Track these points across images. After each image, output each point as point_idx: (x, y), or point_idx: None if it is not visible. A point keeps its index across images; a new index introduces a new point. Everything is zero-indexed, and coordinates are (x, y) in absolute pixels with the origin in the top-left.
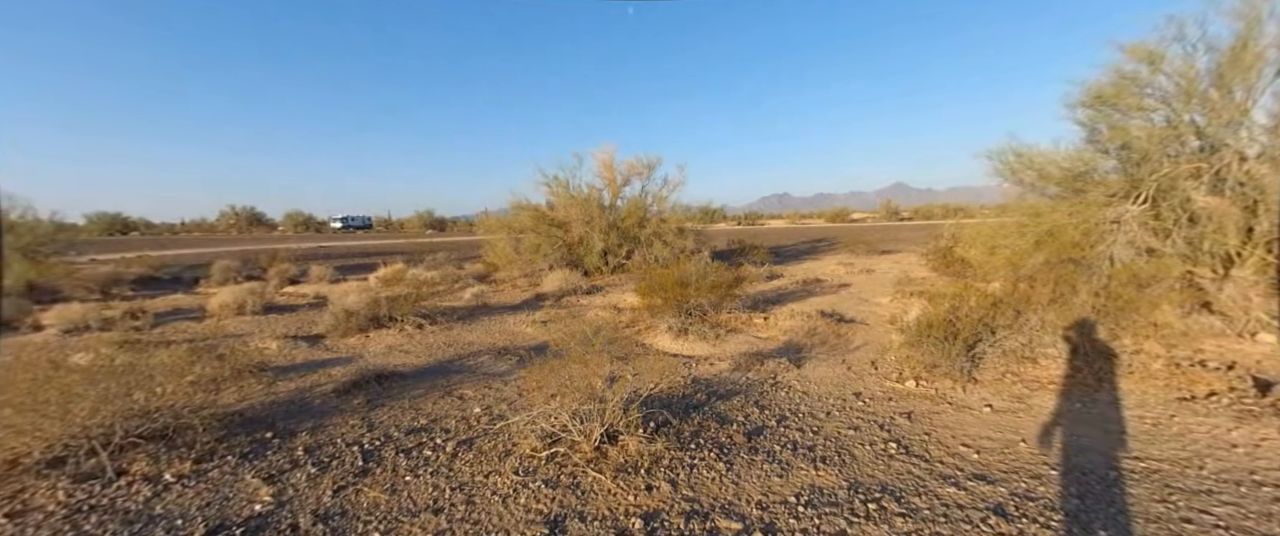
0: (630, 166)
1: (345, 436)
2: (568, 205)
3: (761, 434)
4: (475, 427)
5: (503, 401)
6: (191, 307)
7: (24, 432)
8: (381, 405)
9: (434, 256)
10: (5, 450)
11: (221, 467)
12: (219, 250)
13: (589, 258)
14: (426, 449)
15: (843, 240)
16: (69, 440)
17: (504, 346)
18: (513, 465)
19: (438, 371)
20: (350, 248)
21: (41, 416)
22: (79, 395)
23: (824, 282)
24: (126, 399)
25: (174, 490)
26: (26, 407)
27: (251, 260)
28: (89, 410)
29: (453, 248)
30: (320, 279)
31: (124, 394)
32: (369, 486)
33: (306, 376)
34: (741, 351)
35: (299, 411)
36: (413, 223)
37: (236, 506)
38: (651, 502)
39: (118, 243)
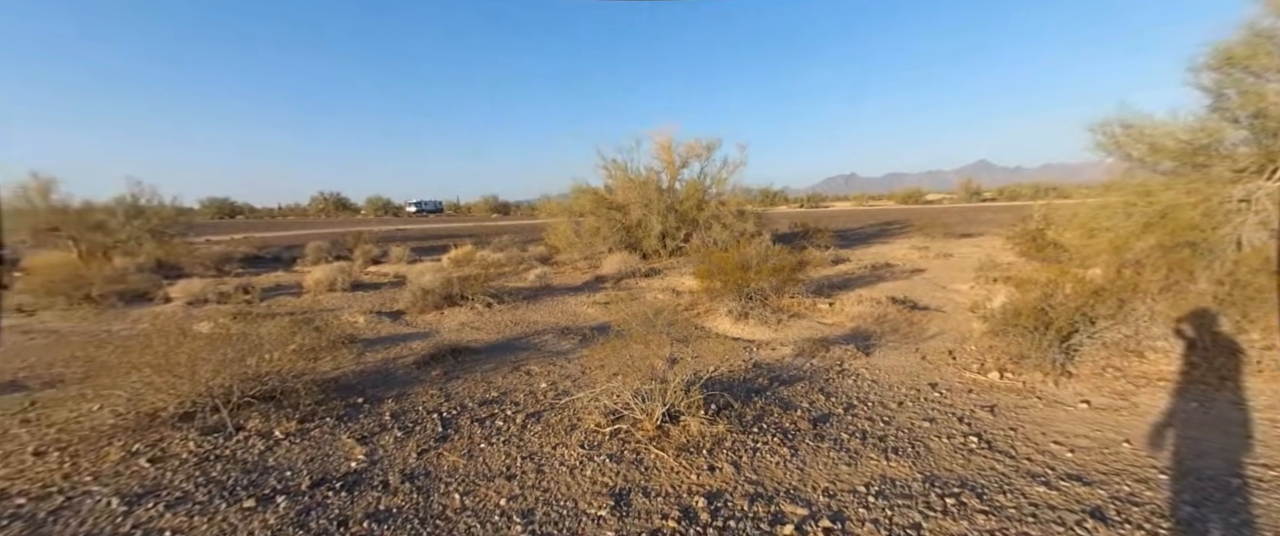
0: (689, 148)
1: (426, 404)
2: (626, 188)
3: (827, 421)
4: (542, 402)
5: (567, 378)
6: (290, 284)
7: (161, 390)
8: (457, 377)
9: (499, 239)
10: (147, 405)
11: (321, 427)
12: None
13: (647, 240)
14: (498, 419)
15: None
16: (196, 398)
17: (566, 326)
18: (578, 439)
19: (506, 348)
20: (424, 230)
21: (174, 377)
22: (203, 359)
23: (894, 267)
24: (241, 364)
25: (283, 445)
26: (162, 369)
27: (340, 241)
28: (211, 372)
29: (516, 231)
30: (399, 259)
31: (239, 359)
32: (449, 451)
33: (390, 348)
34: (805, 337)
35: (385, 380)
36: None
37: (335, 462)
38: (714, 482)
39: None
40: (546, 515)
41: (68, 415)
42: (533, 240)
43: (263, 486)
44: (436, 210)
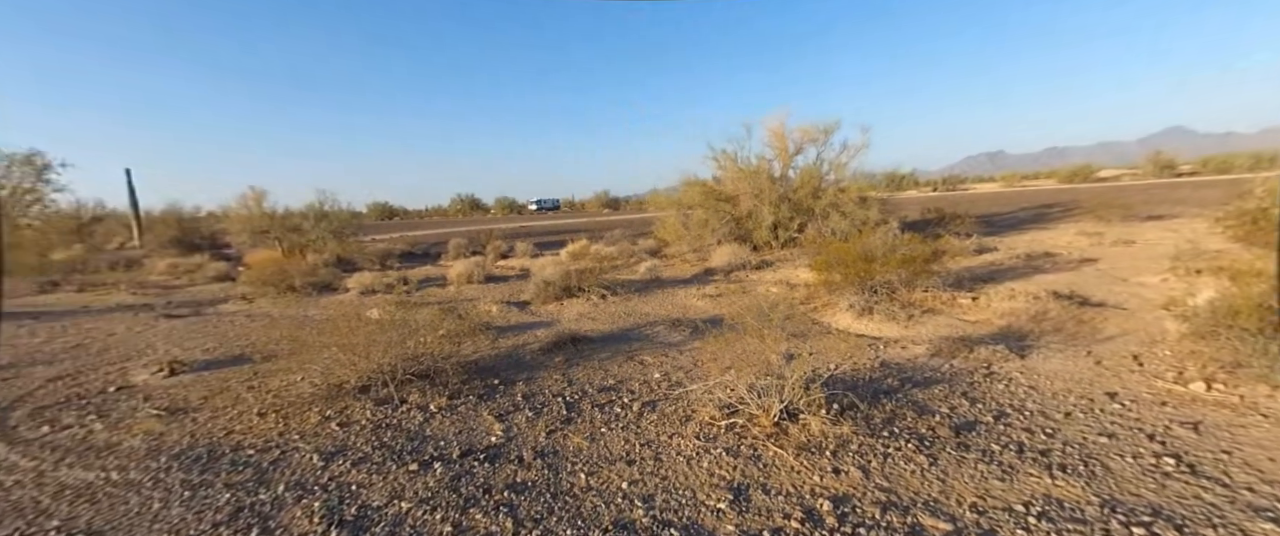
0: (803, 133)
1: (551, 388)
2: (736, 178)
3: (973, 429)
4: (657, 391)
5: (679, 369)
6: (437, 276)
7: (345, 366)
8: (577, 364)
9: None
10: (335, 378)
11: (466, 404)
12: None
13: (758, 232)
14: (616, 406)
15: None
16: (371, 374)
17: (677, 318)
18: (694, 430)
19: (620, 338)
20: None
21: (354, 355)
22: (375, 341)
23: (1056, 257)
24: (403, 346)
25: (436, 418)
26: (345, 348)
27: (475, 238)
28: (381, 352)
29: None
30: (523, 254)
31: (401, 341)
32: (573, 433)
33: (519, 335)
34: (942, 335)
35: (515, 364)
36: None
37: (479, 436)
38: (840, 486)
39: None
40: (666, 502)
41: (280, 384)
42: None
43: (422, 453)
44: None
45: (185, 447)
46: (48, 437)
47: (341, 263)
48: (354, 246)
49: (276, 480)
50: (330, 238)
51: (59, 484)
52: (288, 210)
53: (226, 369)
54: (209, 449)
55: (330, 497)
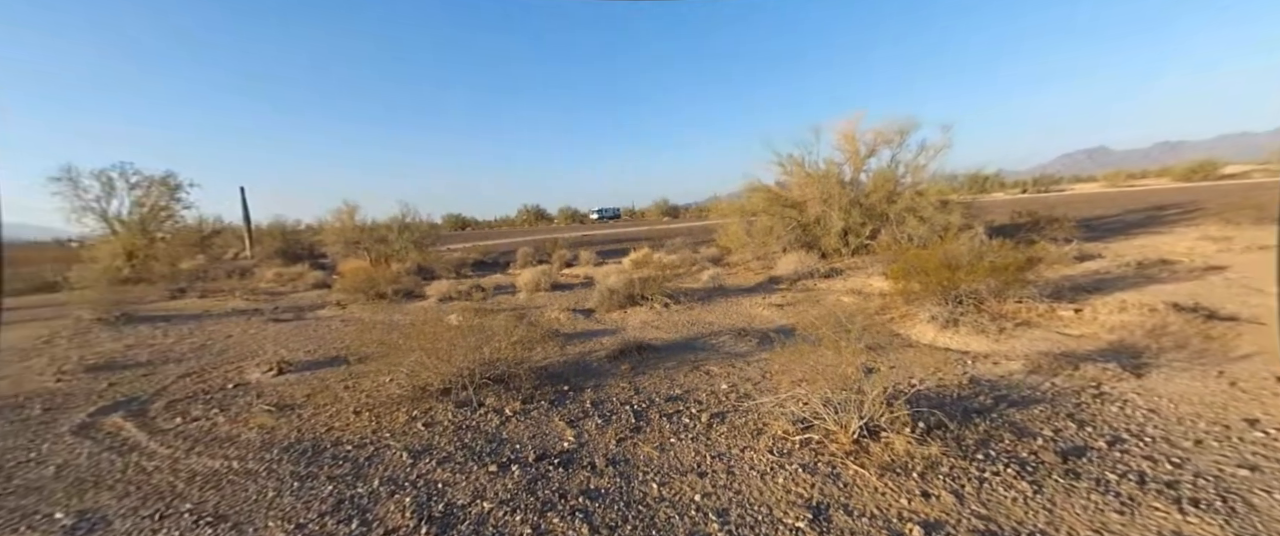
0: (877, 134)
1: (618, 396)
2: (803, 183)
3: (1083, 455)
4: (725, 402)
5: (747, 380)
6: (506, 284)
7: (428, 369)
8: (643, 373)
9: (672, 241)
10: (420, 380)
11: (538, 409)
12: (518, 240)
13: (827, 238)
14: (684, 416)
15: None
16: (451, 377)
17: (742, 328)
18: (766, 444)
19: (685, 347)
20: (606, 235)
21: (436, 359)
22: (455, 346)
23: (1174, 265)
24: (479, 351)
25: (512, 422)
26: (428, 352)
27: (541, 247)
28: (461, 357)
29: (687, 233)
30: (587, 262)
31: (478, 347)
32: (643, 442)
33: (585, 343)
34: (1040, 350)
35: (583, 371)
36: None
37: (552, 441)
38: (931, 511)
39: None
40: (741, 517)
41: (371, 385)
42: (703, 241)
43: (500, 455)
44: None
45: (293, 441)
46: (180, 428)
47: (422, 271)
48: (433, 256)
49: (371, 475)
50: (412, 248)
51: (190, 470)
52: (374, 222)
53: (325, 369)
54: (313, 443)
55: (419, 494)
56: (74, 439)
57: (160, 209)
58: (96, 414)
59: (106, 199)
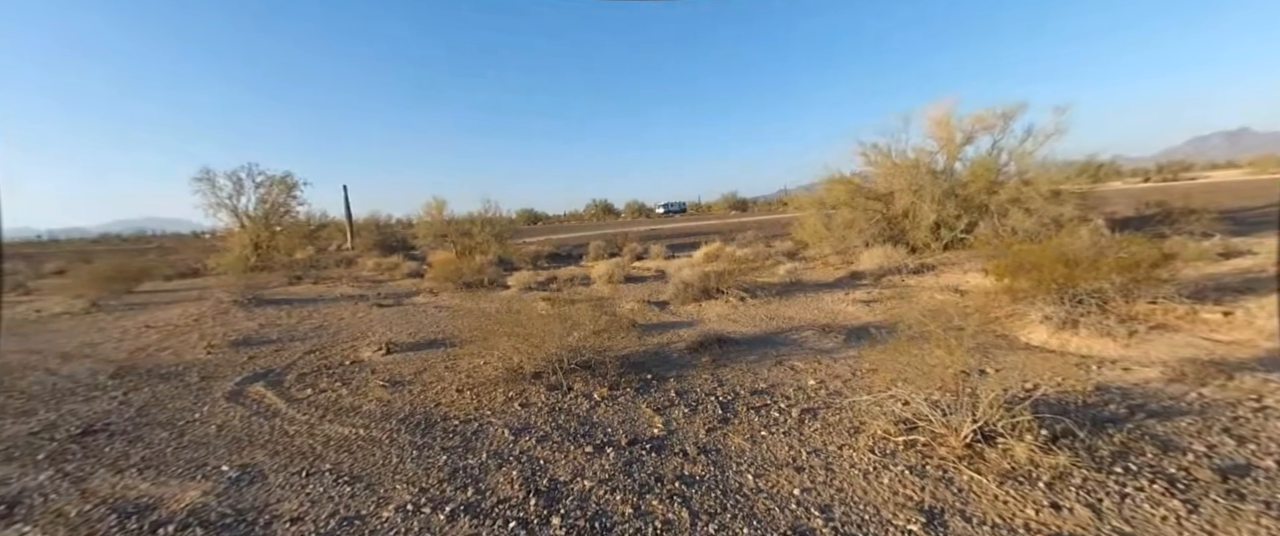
0: (976, 120)
1: (702, 387)
2: (890, 174)
3: (1246, 474)
4: (814, 399)
5: (835, 377)
6: (581, 276)
7: (519, 353)
8: (724, 365)
9: (743, 235)
10: (513, 363)
11: (625, 396)
12: (589, 234)
13: (916, 232)
14: (773, 411)
15: None
16: (542, 361)
17: (826, 324)
18: (866, 443)
19: (765, 342)
20: (673, 229)
21: (526, 343)
22: (545, 333)
23: None
24: (565, 338)
25: (601, 406)
26: (518, 337)
27: (611, 241)
28: (550, 343)
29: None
30: (657, 255)
31: (564, 334)
32: (732, 433)
33: (663, 334)
34: (1182, 356)
35: (663, 361)
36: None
37: (641, 427)
38: (1063, 524)
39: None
40: (846, 516)
41: (469, 365)
42: (776, 236)
43: (594, 437)
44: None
45: (407, 414)
46: (311, 397)
47: (502, 262)
48: (511, 248)
49: (479, 448)
50: (493, 240)
51: (325, 435)
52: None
53: (427, 351)
54: (425, 417)
55: (524, 468)
56: (227, 403)
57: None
58: (242, 382)
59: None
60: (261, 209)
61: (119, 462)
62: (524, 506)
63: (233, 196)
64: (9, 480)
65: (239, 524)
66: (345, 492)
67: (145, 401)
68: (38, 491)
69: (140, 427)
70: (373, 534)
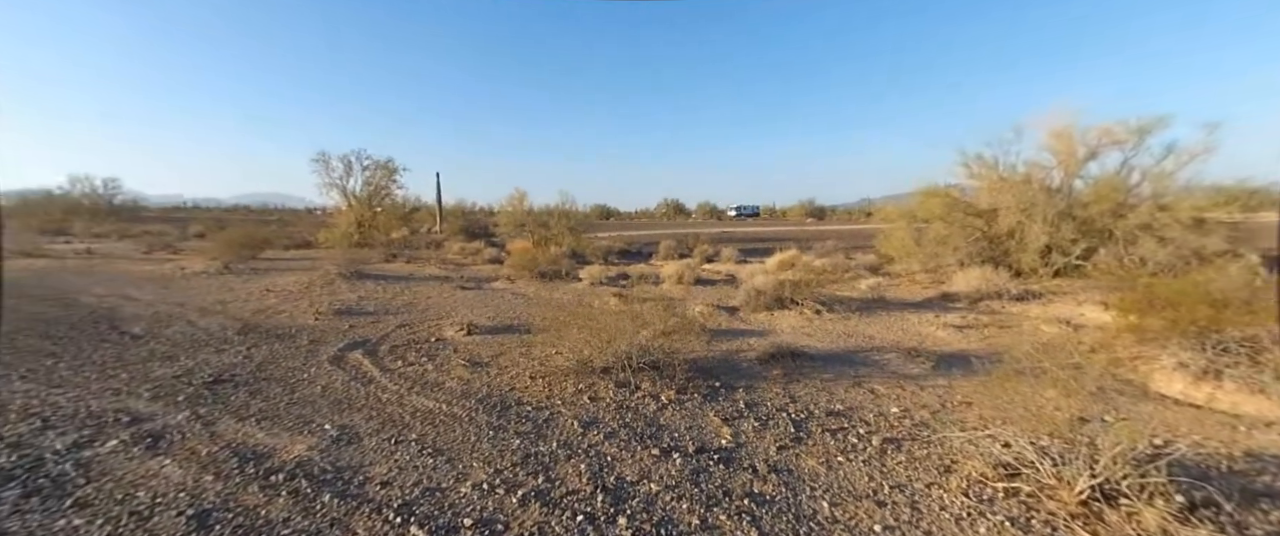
0: (1104, 134)
1: (773, 401)
2: (996, 189)
3: None
4: (898, 428)
5: (922, 407)
6: (650, 274)
7: (589, 347)
8: (797, 380)
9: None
10: (583, 356)
11: (692, 401)
12: (659, 232)
13: (1023, 254)
14: (850, 435)
15: None
16: (612, 357)
17: (912, 347)
18: (959, 485)
19: (842, 359)
20: (745, 233)
21: (595, 338)
22: (616, 329)
23: None
24: (635, 336)
25: (668, 409)
26: (588, 330)
27: (681, 241)
28: (620, 339)
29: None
30: (727, 259)
31: (634, 332)
32: (806, 454)
33: (732, 341)
34: None
35: (732, 370)
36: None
37: (709, 436)
38: None
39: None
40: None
41: (542, 354)
42: (857, 247)
43: (660, 440)
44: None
45: (485, 395)
46: (401, 369)
47: (575, 255)
48: (585, 242)
49: (550, 437)
50: (568, 233)
51: (413, 406)
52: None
53: (503, 335)
54: (500, 399)
55: (592, 463)
56: (331, 367)
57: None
58: (344, 349)
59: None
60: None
61: (241, 411)
62: (591, 501)
63: (343, 177)
64: (156, 416)
65: (337, 480)
66: (428, 463)
67: (264, 358)
68: (176, 429)
69: (259, 381)
70: (451, 507)
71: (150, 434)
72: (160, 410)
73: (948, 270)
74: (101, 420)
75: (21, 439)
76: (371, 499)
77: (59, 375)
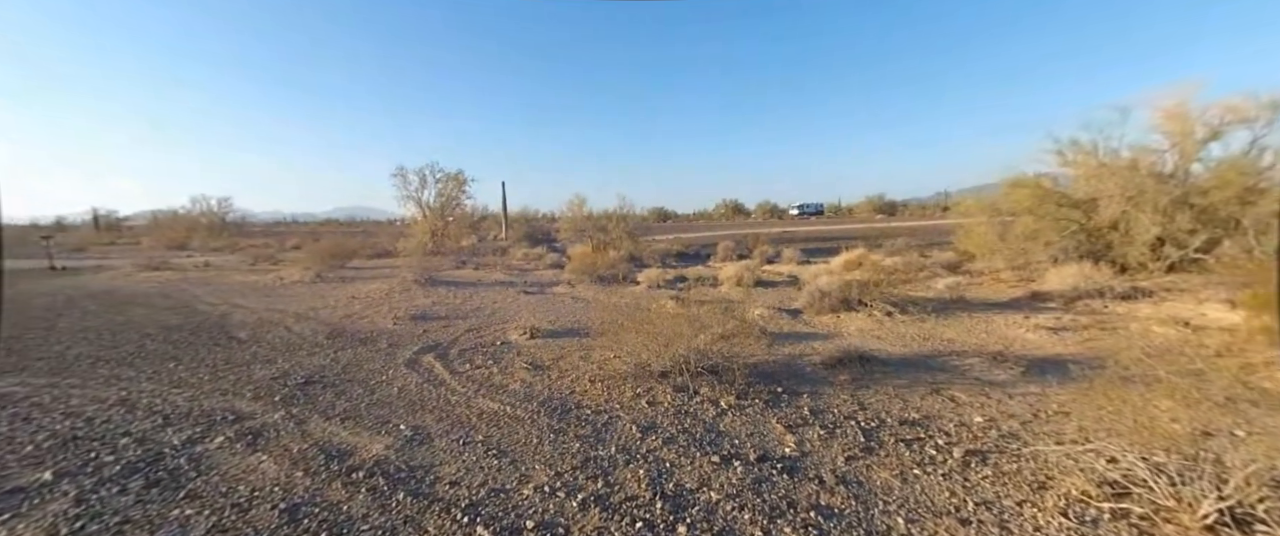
0: (1228, 111)
1: (840, 408)
2: (1095, 177)
3: None
4: (982, 439)
5: (1010, 416)
6: (708, 277)
7: (647, 350)
8: (866, 387)
9: (891, 242)
10: (641, 360)
11: (753, 407)
12: (717, 234)
13: (1129, 248)
14: (928, 446)
15: None
16: (670, 361)
17: (997, 351)
18: (1056, 504)
19: (917, 364)
20: (808, 232)
21: (653, 341)
22: (674, 333)
23: None
24: (693, 340)
25: (727, 415)
26: (646, 334)
27: (741, 242)
28: (678, 344)
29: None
30: (789, 260)
31: (692, 336)
32: (878, 466)
33: (794, 345)
34: None
35: (794, 375)
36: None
37: (771, 443)
38: None
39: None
40: None
41: (601, 357)
42: (933, 243)
43: (720, 447)
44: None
45: (546, 398)
46: (469, 372)
47: (633, 259)
48: (643, 245)
49: (609, 441)
50: (625, 237)
51: (479, 409)
52: (597, 213)
53: (564, 339)
54: (561, 403)
55: (651, 469)
56: (407, 369)
57: (452, 199)
58: (418, 352)
59: (421, 190)
60: (438, 201)
61: (328, 411)
62: (650, 508)
63: (418, 190)
64: (256, 415)
65: (410, 479)
66: (493, 465)
67: (348, 361)
68: (273, 427)
69: (344, 382)
70: (515, 509)
71: (251, 431)
72: (260, 409)
73: (1038, 267)
74: (211, 418)
75: (145, 434)
76: (441, 498)
77: (178, 376)
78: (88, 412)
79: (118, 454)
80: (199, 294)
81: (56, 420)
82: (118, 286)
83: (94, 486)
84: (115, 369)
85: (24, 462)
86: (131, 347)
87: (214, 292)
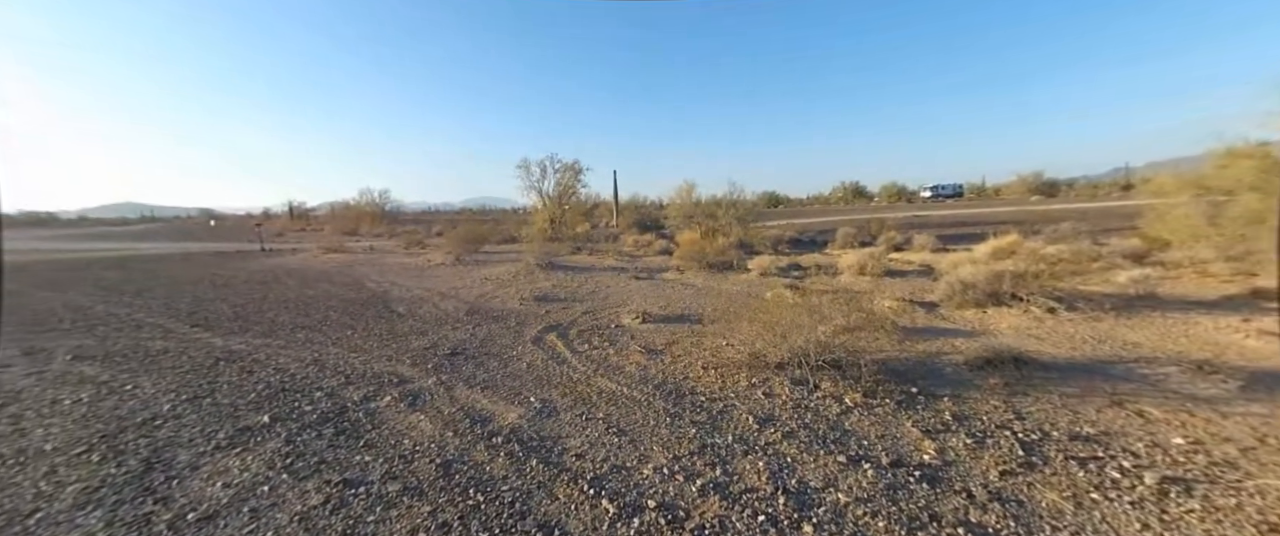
0: None
1: (990, 416)
2: None
3: None
4: (1185, 465)
5: (1223, 440)
6: (826, 264)
7: (763, 340)
8: (1023, 393)
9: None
10: (756, 350)
11: (883, 407)
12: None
13: None
14: (1109, 468)
15: None
16: (787, 353)
17: (1202, 359)
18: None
19: (1088, 370)
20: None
21: (769, 331)
22: (793, 324)
23: None
24: (812, 331)
25: (853, 414)
26: (760, 323)
27: (863, 227)
28: (797, 335)
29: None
30: (921, 247)
31: (811, 327)
32: (1043, 485)
33: (931, 341)
34: None
35: (932, 374)
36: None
37: (906, 449)
38: None
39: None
40: None
41: (713, 344)
42: (1109, 229)
43: (846, 447)
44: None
45: (660, 381)
46: (587, 352)
47: (743, 246)
48: (753, 232)
49: (725, 429)
50: (735, 223)
51: (598, 387)
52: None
53: (675, 324)
54: (675, 387)
55: (771, 462)
56: (533, 346)
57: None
58: (542, 331)
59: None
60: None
61: (470, 379)
62: (772, 502)
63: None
64: (414, 380)
65: (541, 447)
66: (614, 442)
67: (485, 336)
68: (428, 391)
69: (482, 356)
70: (636, 486)
71: (411, 393)
72: (417, 375)
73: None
74: (380, 380)
75: (333, 390)
76: (568, 468)
77: (355, 342)
78: (291, 369)
79: (314, 405)
80: (366, 273)
81: (269, 374)
82: (308, 265)
83: (298, 430)
84: (309, 334)
85: (249, 406)
86: (319, 316)
87: (377, 272)
